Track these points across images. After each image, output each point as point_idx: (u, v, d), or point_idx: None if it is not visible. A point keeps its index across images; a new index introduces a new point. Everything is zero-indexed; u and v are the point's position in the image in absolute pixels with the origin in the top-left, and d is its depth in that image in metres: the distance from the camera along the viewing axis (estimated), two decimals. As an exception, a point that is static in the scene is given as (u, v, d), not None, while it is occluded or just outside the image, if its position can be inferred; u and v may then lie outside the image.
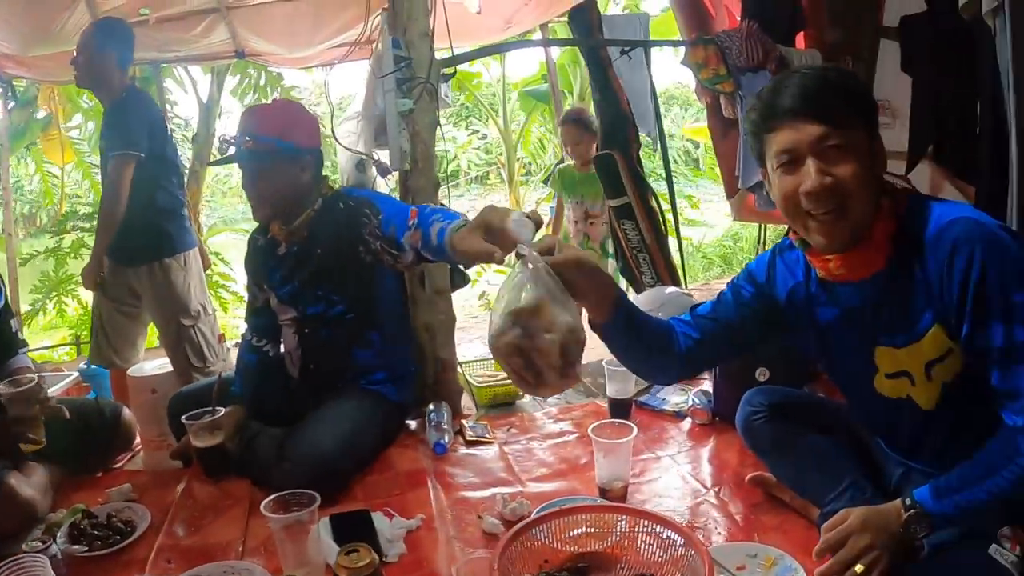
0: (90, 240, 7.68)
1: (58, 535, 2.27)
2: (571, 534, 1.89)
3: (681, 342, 1.99)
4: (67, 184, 11.27)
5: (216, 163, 2.86)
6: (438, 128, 3.05)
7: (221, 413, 2.60)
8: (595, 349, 5.50)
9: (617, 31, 4.65)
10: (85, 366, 4.40)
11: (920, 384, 1.76)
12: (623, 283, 4.30)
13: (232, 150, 2.73)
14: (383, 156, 3.06)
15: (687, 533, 1.80)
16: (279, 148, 2.64)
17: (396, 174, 3.11)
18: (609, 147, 3.98)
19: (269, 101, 8.27)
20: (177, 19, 5.89)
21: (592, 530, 1.90)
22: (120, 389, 3.75)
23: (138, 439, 3.08)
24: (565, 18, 6.23)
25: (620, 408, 2.95)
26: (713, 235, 11.87)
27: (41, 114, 8.89)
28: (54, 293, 7.56)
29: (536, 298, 1.55)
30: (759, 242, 5.99)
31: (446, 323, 3.07)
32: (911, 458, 1.96)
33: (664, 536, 1.83)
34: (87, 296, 7.97)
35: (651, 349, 1.98)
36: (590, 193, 4.80)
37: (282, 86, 8.30)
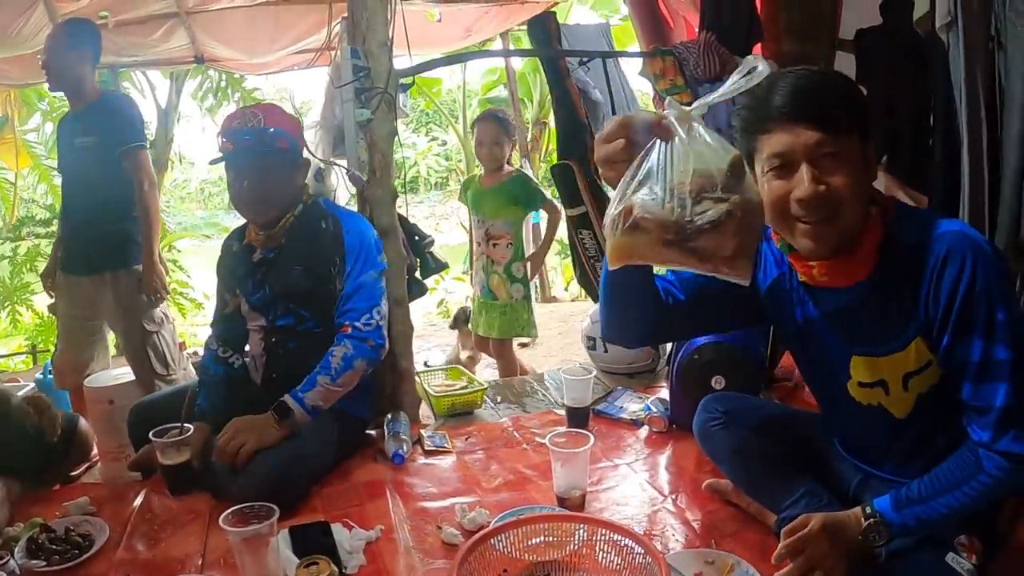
0: (47, 248, 7.65)
1: (15, 550, 2.24)
2: (530, 543, 1.90)
3: (664, 298, 1.96)
4: (22, 189, 11.13)
5: (216, 161, 2.78)
6: (396, 137, 3.05)
7: (189, 431, 2.58)
8: (550, 358, 5.52)
9: (579, 41, 4.65)
10: (41, 376, 4.35)
11: (895, 394, 1.79)
12: (557, 292, 4.32)
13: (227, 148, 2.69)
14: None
15: (644, 541, 1.82)
16: (292, 147, 2.68)
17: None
18: (567, 157, 3.99)
19: (231, 104, 8.26)
20: (136, 23, 5.85)
21: (551, 539, 1.91)
22: (79, 400, 3.70)
23: (95, 450, 3.05)
24: (523, 26, 6.32)
25: (578, 416, 2.97)
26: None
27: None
28: (7, 302, 7.46)
29: (733, 152, 1.52)
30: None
31: (404, 333, 3.07)
32: (874, 465, 1.99)
33: (622, 544, 1.84)
34: (42, 305, 7.89)
35: (641, 295, 1.92)
36: (492, 210, 4.46)
37: (243, 88, 8.26)
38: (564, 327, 7.13)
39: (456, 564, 1.72)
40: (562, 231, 4.65)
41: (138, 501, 2.58)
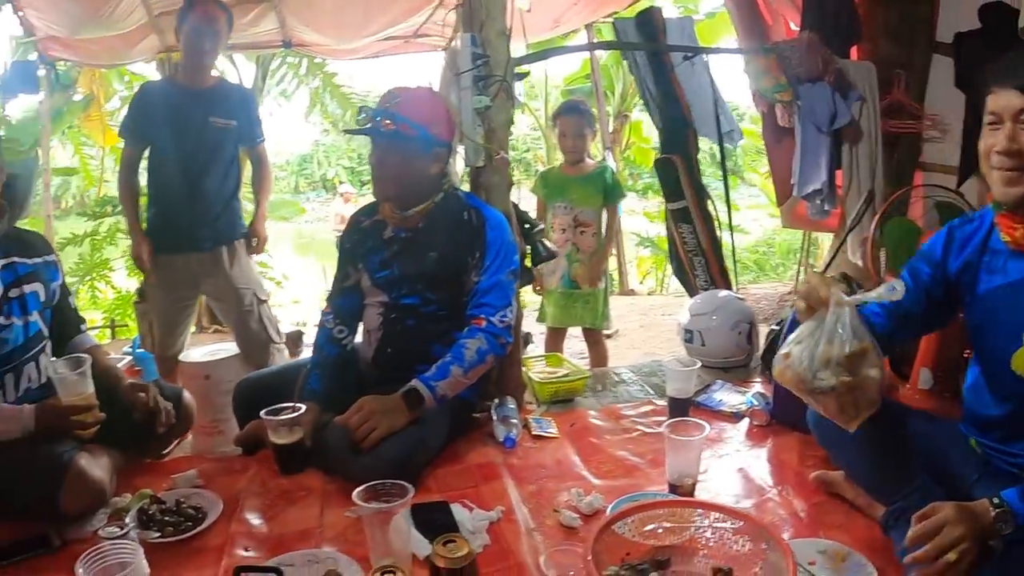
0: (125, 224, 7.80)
1: (126, 520, 2.28)
2: (647, 528, 1.89)
3: (876, 325, 2.10)
4: (96, 168, 11.35)
5: (351, 132, 2.88)
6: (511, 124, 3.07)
7: (302, 410, 2.59)
8: (633, 351, 5.51)
9: (672, 36, 4.64)
10: (130, 349, 4.43)
11: None
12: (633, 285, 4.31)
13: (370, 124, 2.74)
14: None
15: (768, 529, 1.81)
16: (417, 135, 2.66)
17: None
18: (670, 151, 3.99)
19: (307, 88, 8.36)
20: (230, 6, 5.91)
21: (669, 524, 1.90)
22: (167, 376, 3.79)
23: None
24: (610, 19, 6.30)
25: (680, 407, 2.96)
26: (747, 241, 11.94)
27: (79, 96, 8.94)
28: (87, 278, 7.58)
29: (860, 343, 1.89)
30: (802, 249, 6.04)
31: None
32: (1007, 442, 2.02)
33: (742, 531, 1.84)
34: (120, 281, 8.05)
35: None
36: (581, 197, 4.39)
37: (324, 72, 8.34)
38: (645, 320, 7.10)
39: (589, 547, 1.72)
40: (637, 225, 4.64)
41: (247, 476, 2.61)
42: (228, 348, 3.53)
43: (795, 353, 1.96)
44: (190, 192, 3.74)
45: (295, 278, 9.74)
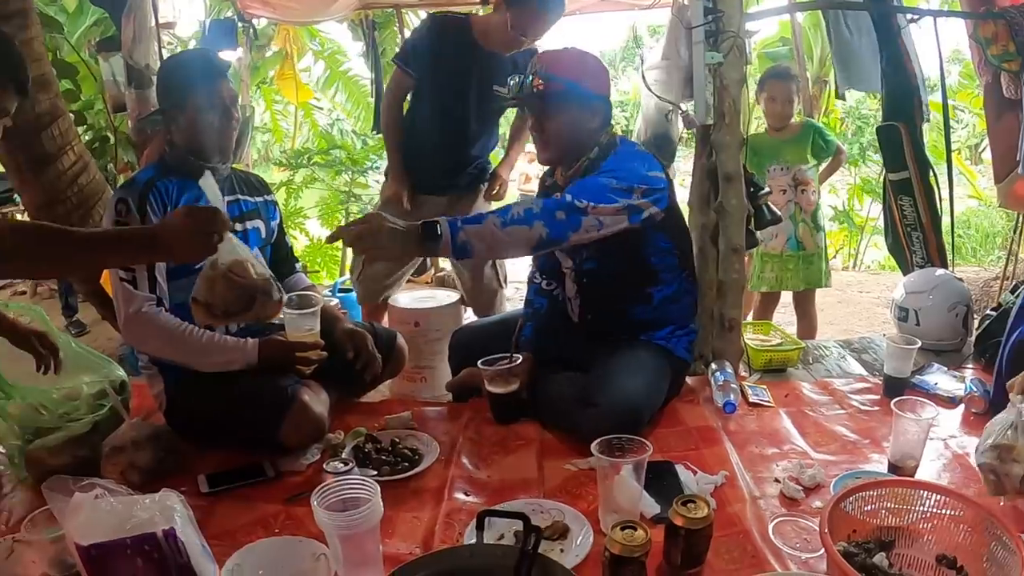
0: (322, 175, 8.05)
1: (342, 456, 2.33)
2: (869, 508, 1.80)
3: None
4: (289, 123, 11.78)
5: (507, 104, 2.81)
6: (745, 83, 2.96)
7: (519, 360, 2.59)
8: (832, 326, 5.33)
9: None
10: (329, 292, 4.54)
11: None
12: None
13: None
14: (690, 107, 3.00)
15: (998, 518, 1.67)
16: (570, 90, 2.57)
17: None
18: (894, 118, 3.79)
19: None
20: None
21: (893, 505, 1.80)
22: (371, 317, 3.83)
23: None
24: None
25: (897, 386, 2.82)
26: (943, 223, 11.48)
27: (269, 53, 9.28)
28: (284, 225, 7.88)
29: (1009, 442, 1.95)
30: (1015, 231, 5.67)
31: (737, 282, 2.97)
32: None
33: (966, 519, 1.73)
34: (314, 229, 8.34)
35: None
36: (796, 156, 4.33)
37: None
38: (842, 296, 6.87)
39: (825, 521, 1.65)
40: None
41: (461, 422, 2.62)
42: (438, 296, 3.59)
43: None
44: (457, 140, 3.72)
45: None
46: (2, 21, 3.70)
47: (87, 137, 5.72)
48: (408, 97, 3.76)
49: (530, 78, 2.58)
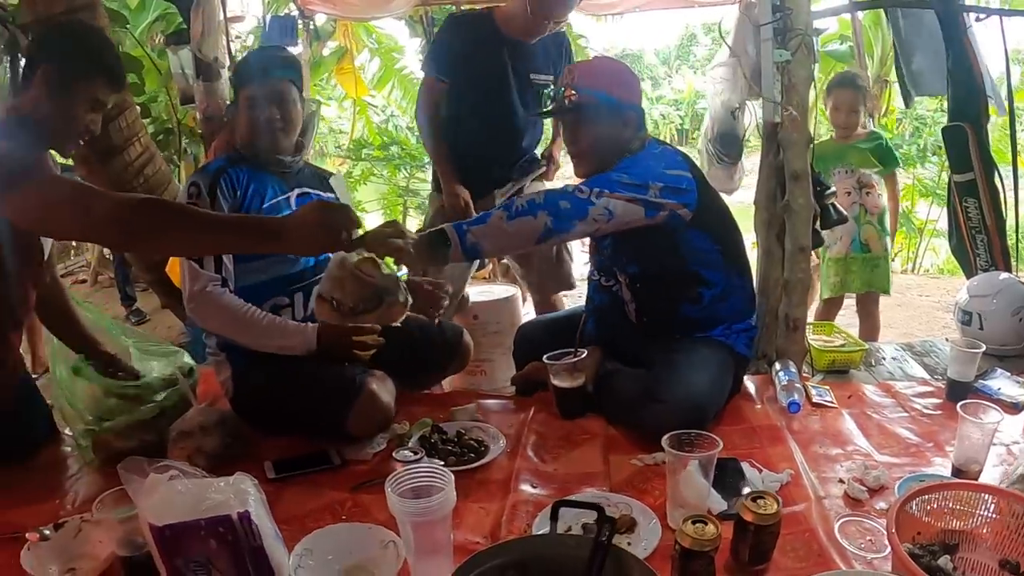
0: (380, 169, 8.11)
1: (408, 445, 2.37)
2: (931, 509, 1.79)
3: None
4: (333, 119, 11.87)
5: (542, 115, 2.81)
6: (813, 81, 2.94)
7: (583, 355, 2.60)
8: (891, 329, 5.26)
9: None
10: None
11: None
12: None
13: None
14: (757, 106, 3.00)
15: None
16: (603, 102, 2.58)
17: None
18: (960, 119, 3.74)
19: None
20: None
21: (956, 507, 1.79)
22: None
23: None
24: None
25: (960, 390, 2.79)
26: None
27: (327, 51, 9.36)
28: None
29: None
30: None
31: (803, 281, 2.96)
32: None
33: None
34: (373, 223, 8.41)
35: None
36: (860, 160, 4.35)
37: (572, 35, 8.39)
38: (902, 299, 6.80)
39: (892, 521, 1.63)
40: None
41: (526, 415, 2.64)
42: (496, 290, 3.61)
43: None
44: (505, 135, 3.65)
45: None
46: (72, 14, 3.78)
47: (151, 129, 5.82)
48: (444, 104, 3.64)
49: (562, 90, 2.61)
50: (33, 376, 2.83)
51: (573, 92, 2.59)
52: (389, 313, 2.25)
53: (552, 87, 2.63)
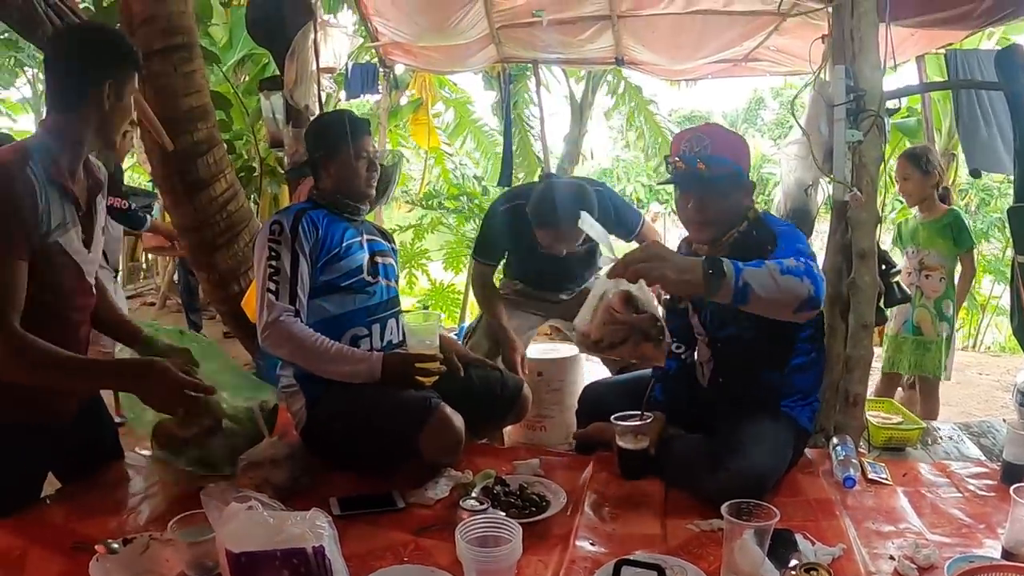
0: (448, 219, 8.29)
1: (471, 494, 2.38)
2: None
3: None
4: (414, 170, 12.12)
5: (666, 182, 2.89)
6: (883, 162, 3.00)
7: (650, 419, 2.67)
8: (949, 408, 5.22)
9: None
10: (457, 335, 4.69)
11: None
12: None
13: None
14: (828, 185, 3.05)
15: None
16: (734, 171, 2.66)
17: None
18: (1027, 200, 3.77)
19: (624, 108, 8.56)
20: (568, 23, 6.18)
21: None
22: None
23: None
24: (942, 50, 6.03)
25: (1015, 472, 2.77)
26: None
27: (404, 99, 9.60)
28: (407, 265, 8.07)
29: None
30: None
31: (864, 358, 3.00)
32: None
33: None
34: (436, 272, 8.55)
35: None
36: (928, 240, 4.45)
37: (641, 99, 8.53)
38: (961, 377, 6.68)
39: None
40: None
41: (586, 473, 2.68)
42: (560, 349, 3.69)
43: None
44: (557, 286, 3.98)
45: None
46: (170, 51, 3.99)
47: (235, 166, 6.04)
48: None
49: (694, 161, 2.63)
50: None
51: (703, 164, 2.61)
52: (639, 350, 2.32)
53: (678, 155, 2.67)
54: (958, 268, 4.57)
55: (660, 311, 2.36)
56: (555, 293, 3.94)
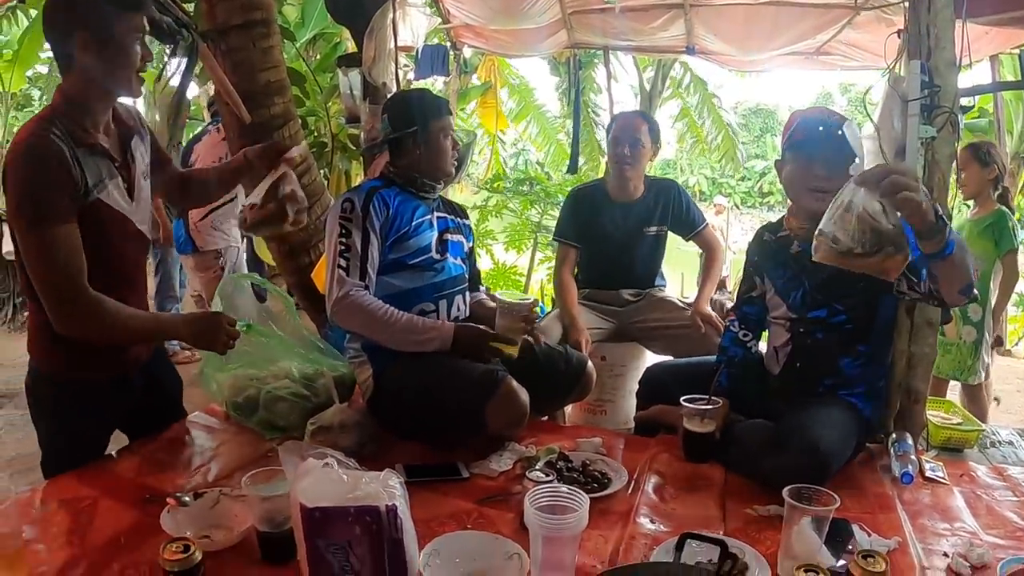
0: (511, 202, 8.36)
1: (536, 467, 2.47)
2: None
3: None
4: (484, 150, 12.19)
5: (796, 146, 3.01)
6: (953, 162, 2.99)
7: (719, 404, 2.72)
8: (1009, 415, 5.18)
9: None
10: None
11: None
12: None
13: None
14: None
15: None
16: (851, 153, 2.71)
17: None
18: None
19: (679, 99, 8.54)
20: (640, 10, 6.18)
21: None
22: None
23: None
24: (1016, 50, 5.94)
25: None
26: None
27: (473, 81, 9.65)
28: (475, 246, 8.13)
29: None
30: None
31: (929, 355, 2.99)
32: None
33: None
34: (500, 253, 8.61)
35: None
36: (971, 236, 4.46)
37: (704, 91, 8.51)
38: (1022, 384, 6.68)
39: None
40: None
41: (648, 454, 2.74)
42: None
43: None
44: (623, 273, 4.09)
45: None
46: (249, 26, 4.07)
47: (308, 141, 6.15)
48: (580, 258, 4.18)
49: (835, 126, 2.70)
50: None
51: (841, 132, 2.71)
52: (885, 263, 2.22)
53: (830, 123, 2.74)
54: (998, 272, 4.53)
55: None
56: (622, 292, 4.01)
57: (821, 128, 2.71)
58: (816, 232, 2.26)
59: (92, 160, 2.23)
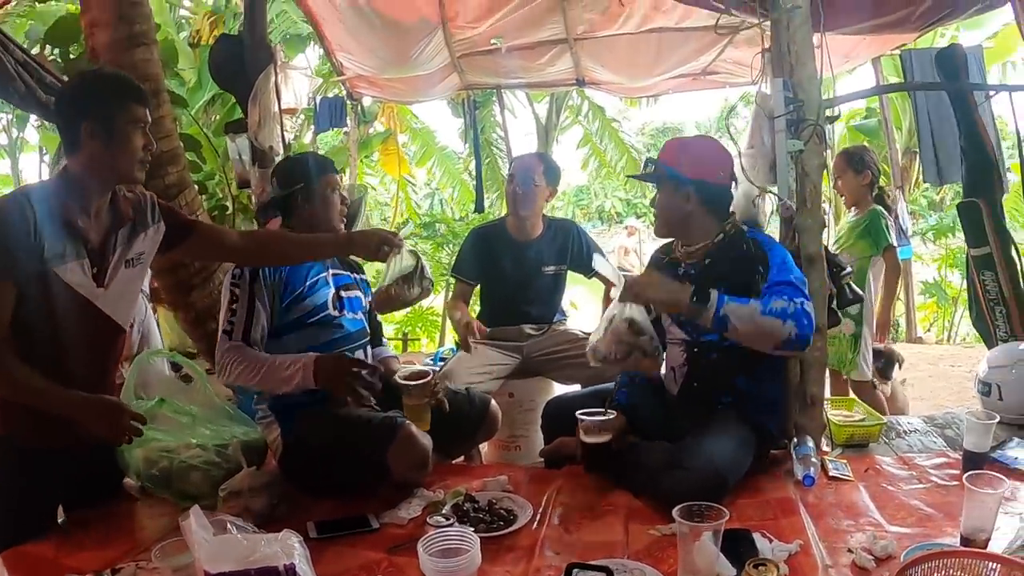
0: (423, 245, 8.40)
1: (443, 513, 2.50)
2: None
3: None
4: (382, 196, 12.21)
5: (634, 176, 3.23)
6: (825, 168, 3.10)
7: (613, 416, 2.79)
8: (921, 401, 5.30)
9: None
10: (431, 362, 4.77)
11: None
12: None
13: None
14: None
15: None
16: (666, 175, 2.88)
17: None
18: (974, 194, 3.87)
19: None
20: (527, 48, 6.29)
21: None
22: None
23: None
24: (897, 51, 6.19)
25: (975, 461, 2.84)
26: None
27: (372, 130, 9.70)
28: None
29: None
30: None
31: (819, 360, 3.06)
32: None
33: None
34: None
35: None
36: (848, 241, 4.63)
37: (603, 117, 8.67)
38: (934, 370, 6.85)
39: None
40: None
41: (553, 487, 2.77)
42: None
43: None
44: (523, 310, 4.12)
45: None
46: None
47: (207, 205, 6.12)
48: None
49: (653, 163, 2.98)
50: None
51: (651, 163, 3.03)
52: (640, 365, 2.82)
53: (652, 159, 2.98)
54: (878, 269, 4.67)
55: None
56: (523, 326, 4.06)
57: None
58: (589, 341, 2.79)
59: (59, 234, 2.30)
